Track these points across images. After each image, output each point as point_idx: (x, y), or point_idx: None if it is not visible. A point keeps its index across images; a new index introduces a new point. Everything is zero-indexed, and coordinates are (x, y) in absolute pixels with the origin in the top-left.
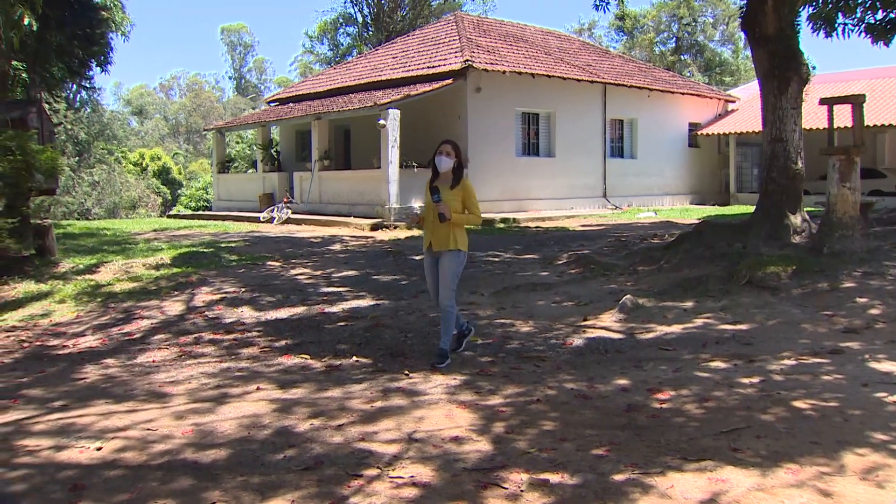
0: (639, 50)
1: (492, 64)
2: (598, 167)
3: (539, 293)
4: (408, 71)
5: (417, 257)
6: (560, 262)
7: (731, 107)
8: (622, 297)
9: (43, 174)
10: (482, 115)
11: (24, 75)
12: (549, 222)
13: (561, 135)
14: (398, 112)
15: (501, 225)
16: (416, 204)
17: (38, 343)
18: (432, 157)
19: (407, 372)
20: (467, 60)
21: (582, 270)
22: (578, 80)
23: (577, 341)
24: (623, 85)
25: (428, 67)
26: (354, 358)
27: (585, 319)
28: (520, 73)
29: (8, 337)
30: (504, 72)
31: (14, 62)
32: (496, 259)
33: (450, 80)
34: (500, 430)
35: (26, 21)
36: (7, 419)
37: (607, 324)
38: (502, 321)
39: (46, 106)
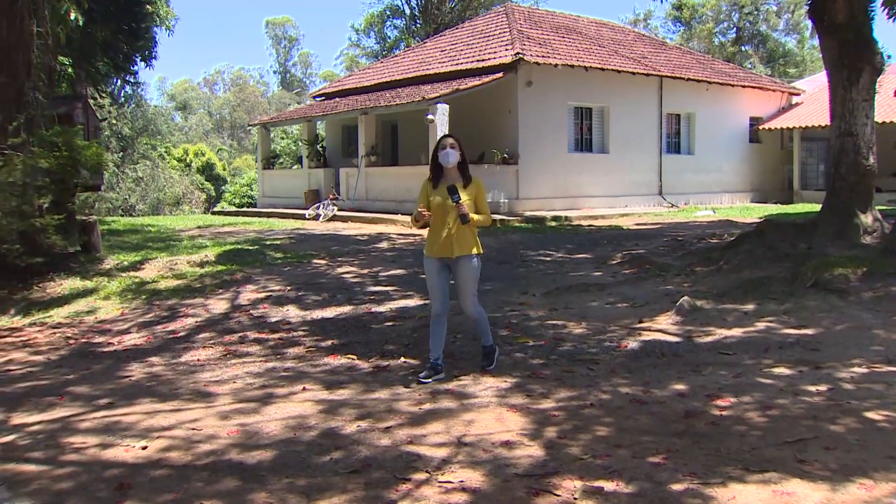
0: (697, 41)
1: (543, 57)
2: (653, 163)
3: (592, 294)
4: (457, 64)
5: None
6: (614, 262)
7: (795, 100)
8: (679, 299)
9: (88, 170)
10: (533, 110)
11: (69, 70)
12: (603, 220)
13: (615, 130)
14: (447, 107)
15: (553, 223)
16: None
17: (83, 340)
18: (433, 154)
19: (456, 374)
20: (518, 53)
21: (637, 271)
22: (633, 73)
23: (632, 344)
24: (680, 78)
25: (477, 61)
26: (402, 359)
27: (641, 321)
28: (572, 66)
29: (54, 333)
30: (556, 65)
31: (60, 57)
32: (548, 258)
33: (500, 74)
34: (553, 435)
35: (72, 16)
36: (54, 416)
37: (663, 326)
38: (554, 322)
39: (92, 101)
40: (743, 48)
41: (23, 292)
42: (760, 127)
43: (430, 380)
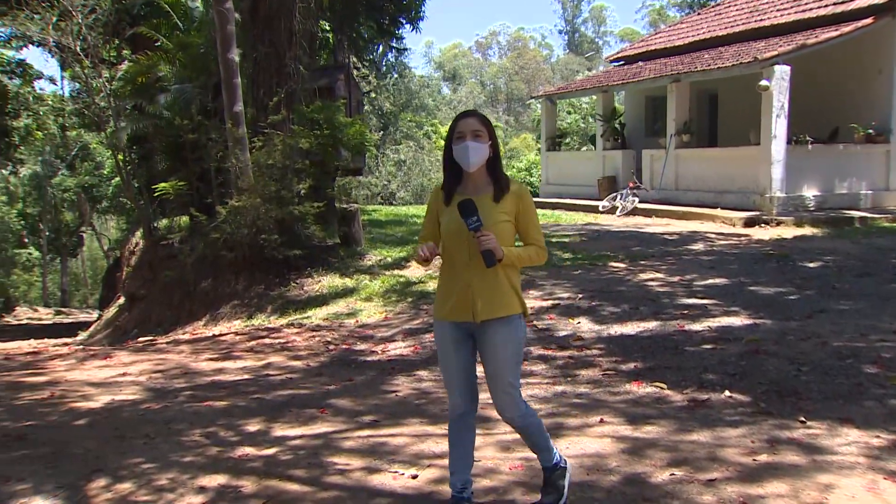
0: None
1: None
2: None
3: None
4: (802, 11)
5: (812, 264)
6: None
7: None
8: None
9: (350, 151)
10: None
11: (329, 37)
12: None
13: None
14: (788, 69)
15: None
16: (781, 193)
17: (344, 346)
18: (446, 146)
19: (803, 419)
20: None
21: None
22: None
23: None
24: None
25: (833, 4)
26: (727, 393)
27: None
28: None
29: (313, 337)
30: None
31: (321, 22)
32: None
33: (868, 21)
34: None
35: None
36: (316, 431)
37: None
38: None
39: (354, 72)
40: None
41: (279, 289)
42: None
43: None
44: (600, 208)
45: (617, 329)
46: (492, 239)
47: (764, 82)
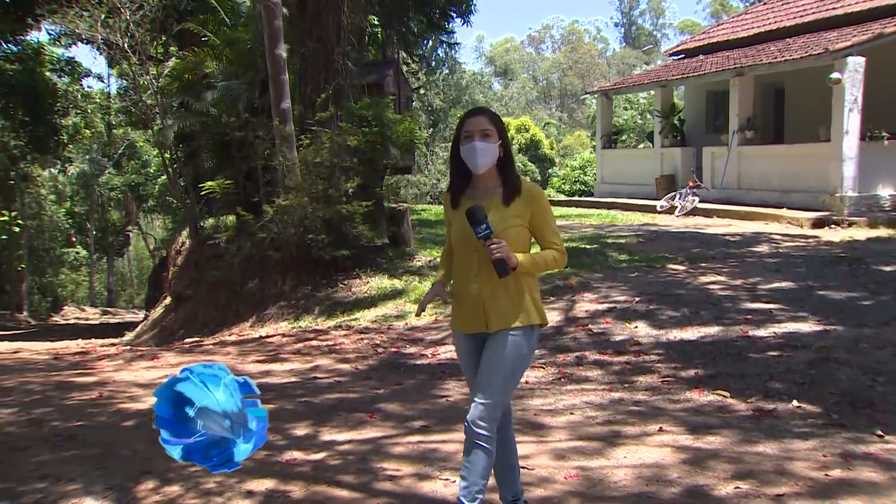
0: None
1: None
2: None
3: None
4: None
5: (887, 268)
6: None
7: None
8: None
9: (399, 149)
10: None
11: (378, 32)
12: None
13: None
14: (862, 60)
15: None
16: (853, 192)
17: (393, 349)
18: (453, 147)
19: (881, 432)
20: None
21: None
22: None
23: None
24: None
25: None
26: (794, 403)
27: None
28: None
29: (361, 340)
30: None
31: (369, 17)
32: None
33: None
34: None
35: None
36: (365, 436)
37: None
38: None
39: (403, 67)
40: None
41: (327, 290)
42: None
43: None
44: (658, 208)
45: (676, 334)
46: (503, 247)
47: (835, 75)
